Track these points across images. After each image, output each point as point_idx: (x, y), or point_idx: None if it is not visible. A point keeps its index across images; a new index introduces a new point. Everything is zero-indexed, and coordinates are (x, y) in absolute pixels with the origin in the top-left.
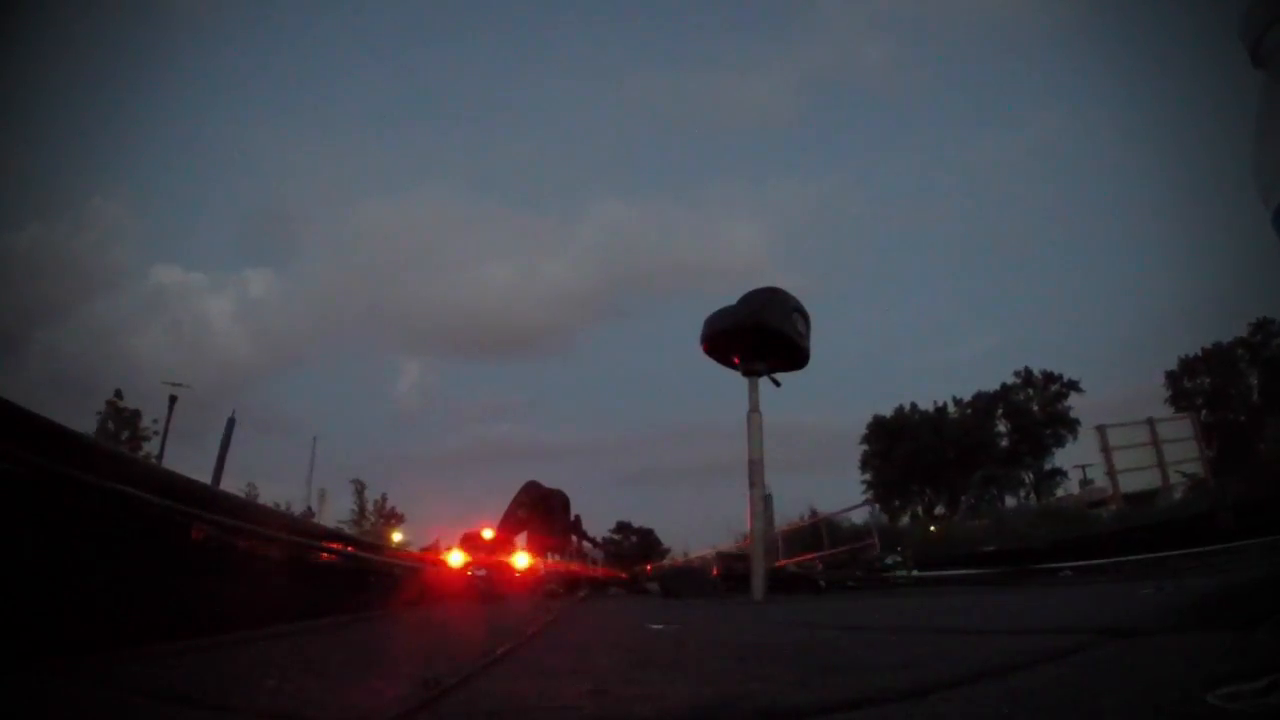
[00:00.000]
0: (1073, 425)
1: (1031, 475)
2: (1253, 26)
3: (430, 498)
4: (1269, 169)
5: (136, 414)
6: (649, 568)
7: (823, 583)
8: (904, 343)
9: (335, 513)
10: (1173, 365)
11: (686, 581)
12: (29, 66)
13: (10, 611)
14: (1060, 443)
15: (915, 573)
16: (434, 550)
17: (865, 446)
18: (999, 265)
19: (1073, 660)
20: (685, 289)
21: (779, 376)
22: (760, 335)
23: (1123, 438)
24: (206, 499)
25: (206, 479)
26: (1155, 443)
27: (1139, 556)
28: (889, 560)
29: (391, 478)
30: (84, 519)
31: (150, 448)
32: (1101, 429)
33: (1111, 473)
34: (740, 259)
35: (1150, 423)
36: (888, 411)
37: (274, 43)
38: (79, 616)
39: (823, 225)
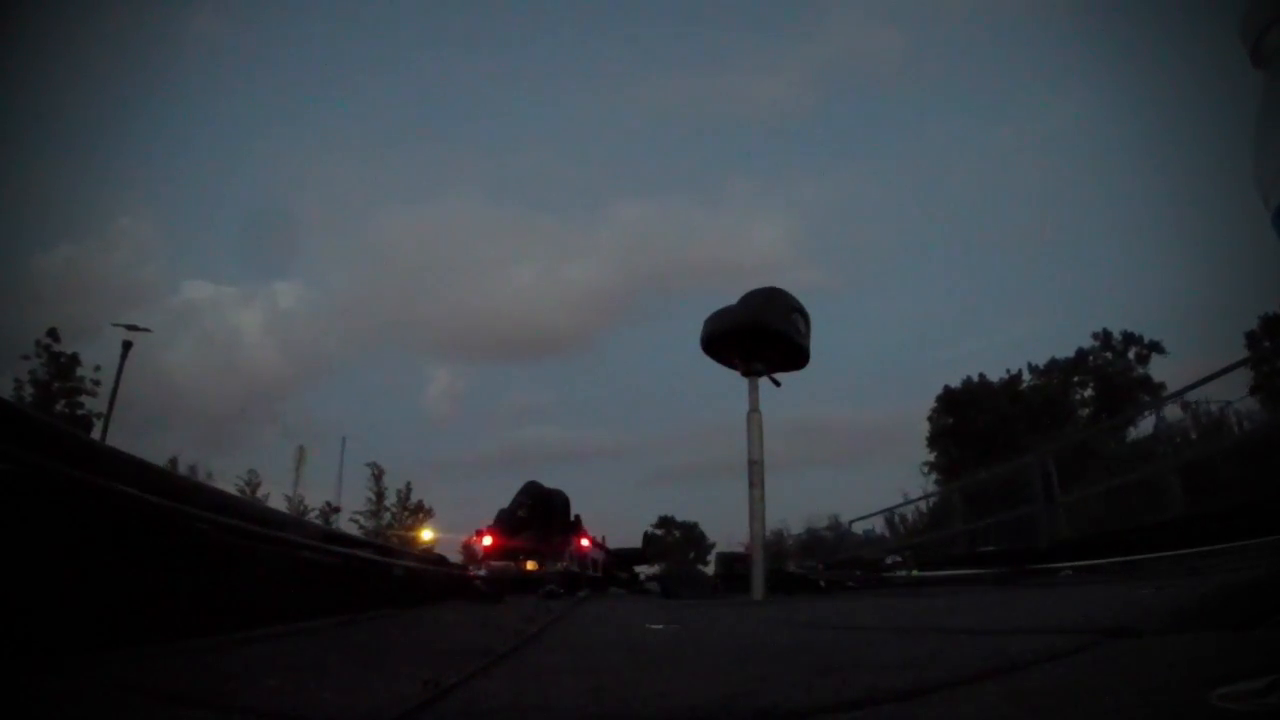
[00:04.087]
0: (1157, 390)
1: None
2: (1253, 26)
3: (464, 503)
4: (1269, 169)
5: (74, 359)
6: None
7: (823, 583)
8: (929, 333)
9: (342, 498)
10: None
11: (686, 582)
12: (55, 91)
13: (9, 612)
14: (1143, 411)
15: (915, 573)
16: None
17: (930, 422)
18: (1019, 253)
19: (1073, 660)
20: (709, 286)
21: (779, 376)
22: (759, 335)
23: None
24: (205, 498)
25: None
26: None
27: (1142, 556)
28: (889, 560)
29: (425, 482)
30: (83, 519)
31: (94, 405)
32: None
33: None
34: (761, 255)
35: None
36: (944, 388)
37: (295, 62)
38: (78, 617)
39: (843, 218)
